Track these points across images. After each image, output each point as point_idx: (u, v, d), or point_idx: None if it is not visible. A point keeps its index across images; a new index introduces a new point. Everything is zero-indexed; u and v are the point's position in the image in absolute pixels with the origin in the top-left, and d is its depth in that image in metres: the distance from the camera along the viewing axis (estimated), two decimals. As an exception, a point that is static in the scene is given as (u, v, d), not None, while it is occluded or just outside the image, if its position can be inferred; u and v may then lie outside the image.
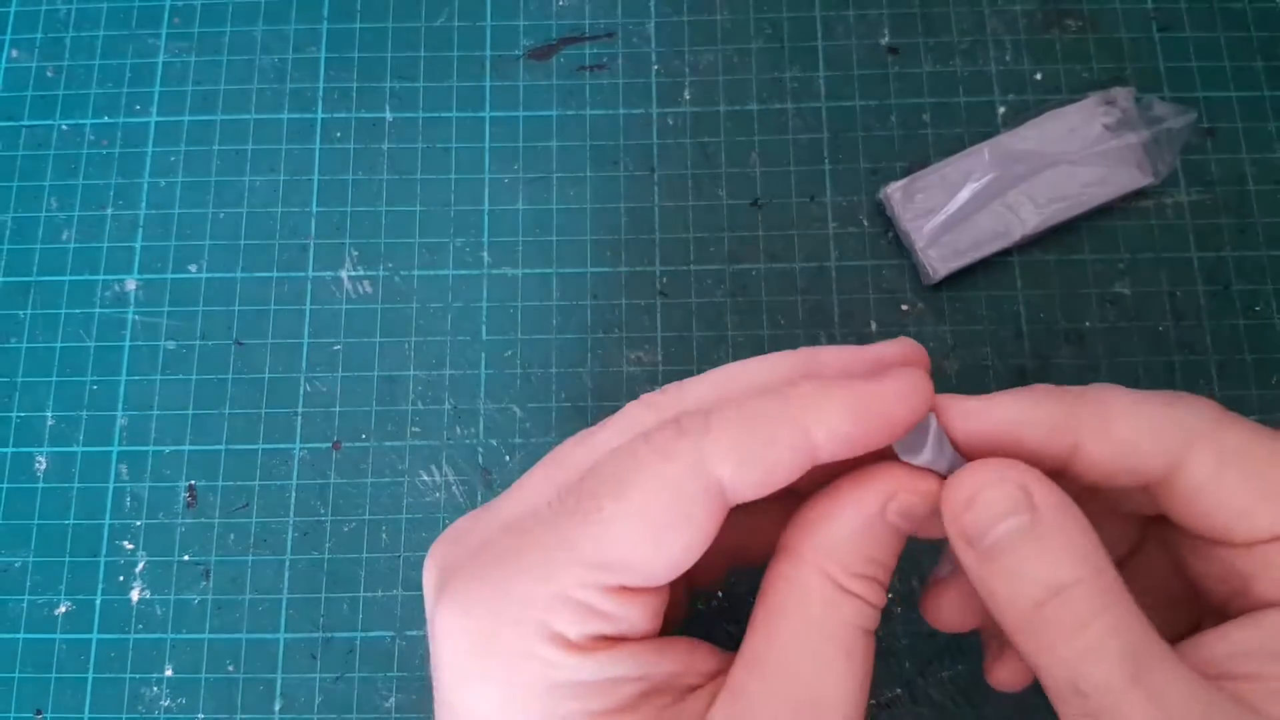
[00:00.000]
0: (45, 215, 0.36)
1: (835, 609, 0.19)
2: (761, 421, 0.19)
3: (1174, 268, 0.34)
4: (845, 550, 0.19)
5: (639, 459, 0.19)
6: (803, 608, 0.19)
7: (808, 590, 0.19)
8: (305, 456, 0.34)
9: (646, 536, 0.18)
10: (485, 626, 0.19)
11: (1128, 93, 0.34)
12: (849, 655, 0.19)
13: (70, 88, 0.37)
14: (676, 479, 0.18)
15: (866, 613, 0.19)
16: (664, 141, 0.36)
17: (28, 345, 0.35)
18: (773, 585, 0.20)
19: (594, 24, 0.37)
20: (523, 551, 0.19)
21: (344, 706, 0.31)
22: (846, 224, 0.35)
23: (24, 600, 0.33)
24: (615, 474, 0.19)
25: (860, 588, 0.19)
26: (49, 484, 0.34)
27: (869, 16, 0.37)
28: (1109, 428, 0.19)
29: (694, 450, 0.18)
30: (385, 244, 0.35)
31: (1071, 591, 0.17)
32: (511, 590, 0.18)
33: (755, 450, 0.18)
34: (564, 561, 0.18)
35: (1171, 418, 0.19)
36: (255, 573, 0.33)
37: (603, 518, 0.18)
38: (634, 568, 0.18)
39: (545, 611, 0.18)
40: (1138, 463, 0.19)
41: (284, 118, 0.37)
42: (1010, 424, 0.19)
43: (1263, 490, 0.19)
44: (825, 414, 0.19)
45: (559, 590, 0.18)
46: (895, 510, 0.19)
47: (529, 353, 0.34)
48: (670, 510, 0.18)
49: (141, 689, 0.32)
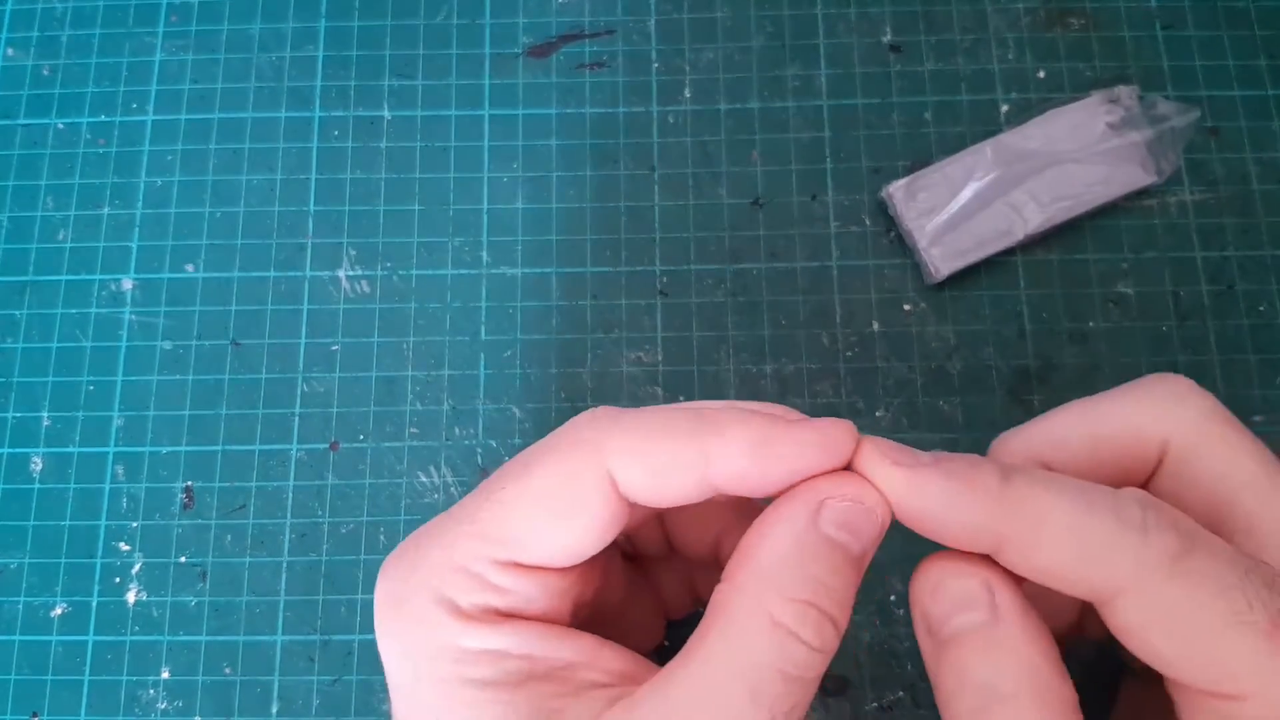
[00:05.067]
0: (41, 214, 0.36)
1: (754, 645, 0.17)
2: (664, 429, 0.19)
3: (1177, 267, 0.34)
4: (781, 571, 0.18)
5: (548, 446, 0.20)
6: (722, 638, 0.18)
7: (731, 619, 0.18)
8: (303, 457, 0.33)
9: (539, 517, 0.19)
10: (396, 590, 0.20)
11: (1131, 91, 0.34)
12: (754, 699, 0.17)
13: (66, 86, 0.37)
14: (574, 467, 0.19)
15: (794, 653, 0.17)
16: (664, 140, 0.36)
17: (23, 345, 0.35)
18: (709, 610, 0.19)
19: (594, 21, 0.37)
20: (437, 528, 0.20)
21: (342, 709, 0.31)
22: (848, 223, 0.35)
23: (20, 602, 0.32)
24: (527, 457, 0.20)
25: (794, 616, 0.17)
26: (45, 485, 0.33)
27: (871, 14, 0.37)
28: (1034, 552, 0.18)
29: (595, 440, 0.19)
30: (383, 243, 0.35)
31: (1012, 704, 0.17)
32: (420, 560, 0.20)
33: (650, 458, 0.19)
34: (464, 534, 0.19)
35: (1105, 556, 0.17)
36: (252, 574, 0.32)
37: (503, 497, 0.19)
38: (527, 546, 0.19)
39: (442, 579, 0.19)
40: (1061, 586, 0.18)
41: (281, 116, 0.37)
42: (930, 517, 0.18)
43: (1191, 653, 0.17)
44: (725, 441, 0.19)
45: (457, 560, 0.19)
46: (830, 521, 0.18)
47: (528, 353, 0.34)
48: (564, 495, 0.19)
49: (138, 691, 0.32)
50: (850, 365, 0.33)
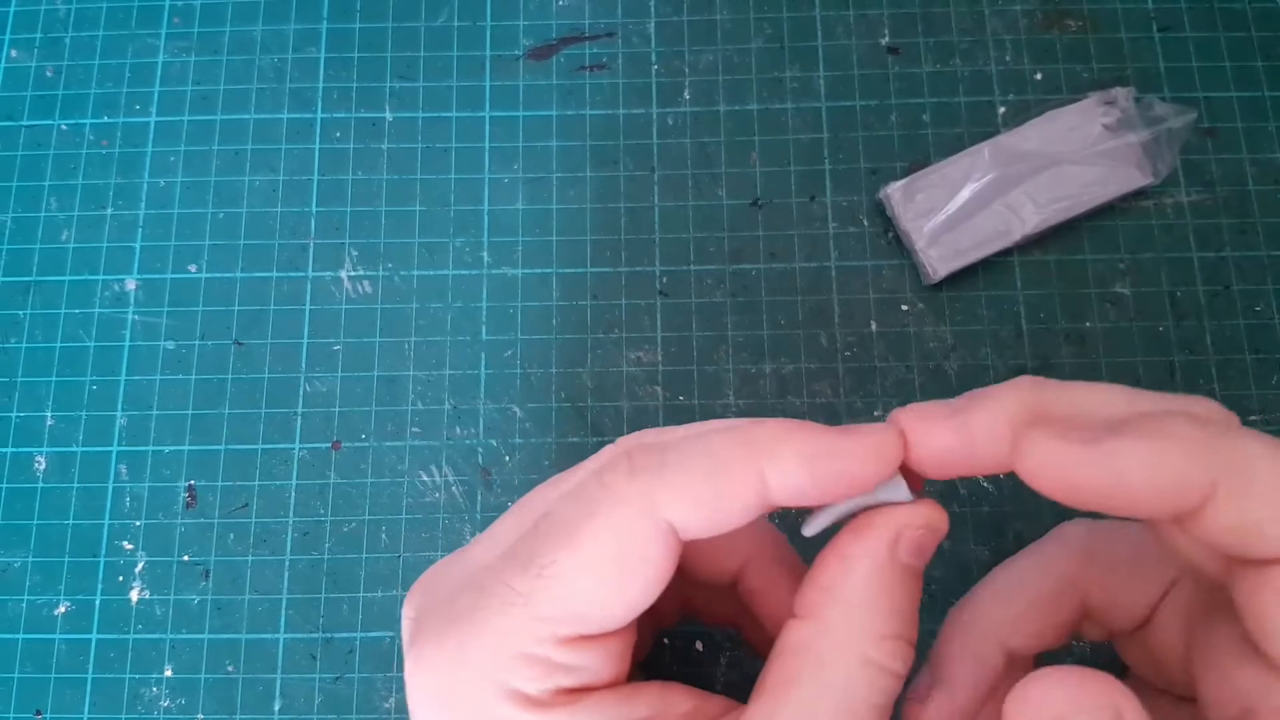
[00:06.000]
0: (45, 215, 0.36)
1: (851, 688, 0.18)
2: (715, 462, 0.18)
3: (1174, 268, 0.34)
4: (870, 609, 0.18)
5: (591, 503, 0.18)
6: (817, 684, 0.18)
7: (824, 664, 0.18)
8: (305, 457, 0.34)
9: (600, 585, 0.18)
10: (447, 687, 0.18)
11: (1128, 93, 0.34)
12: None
13: (70, 87, 0.37)
14: (627, 524, 0.18)
15: (886, 686, 0.18)
16: (664, 141, 0.36)
17: (27, 345, 0.35)
18: (788, 651, 0.18)
19: (594, 24, 0.37)
20: (480, 608, 0.19)
21: (344, 707, 0.31)
22: (846, 224, 0.35)
23: (23, 600, 0.33)
24: (567, 520, 0.18)
25: (887, 653, 0.18)
26: (48, 484, 0.34)
27: (869, 16, 0.37)
28: (1246, 499, 0.16)
29: (645, 493, 0.18)
30: (385, 244, 0.35)
31: None
32: (471, 649, 0.18)
33: (707, 493, 0.18)
34: (520, 618, 0.18)
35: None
36: (255, 573, 0.33)
37: (557, 571, 0.18)
38: (590, 617, 0.18)
39: (504, 671, 0.18)
40: (1264, 536, 0.16)
41: (283, 117, 0.37)
42: (1124, 483, 0.16)
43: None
44: (781, 460, 0.18)
45: (516, 648, 0.18)
46: (905, 550, 0.18)
47: (529, 353, 0.34)
48: (623, 557, 0.18)
49: (141, 689, 0.32)
50: (848, 365, 0.34)
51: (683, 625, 0.32)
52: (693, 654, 0.31)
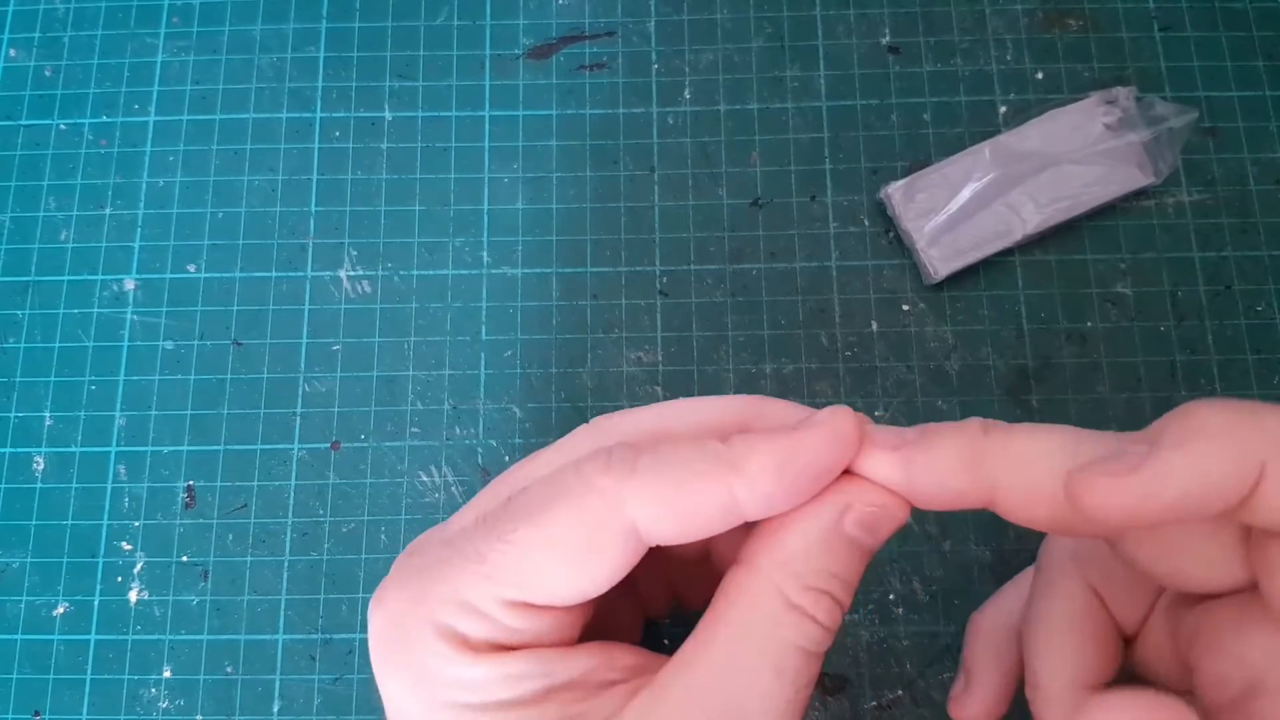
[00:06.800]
0: (43, 215, 0.36)
1: (776, 624, 0.18)
2: (686, 474, 0.18)
3: (1175, 267, 0.34)
4: (800, 562, 0.19)
5: (563, 487, 0.19)
6: (744, 618, 0.19)
7: (753, 601, 0.19)
8: (304, 457, 0.34)
9: (554, 564, 0.19)
10: (394, 622, 0.19)
11: (1129, 92, 0.34)
12: (779, 673, 0.18)
13: (68, 87, 0.37)
14: (593, 514, 0.18)
15: (811, 632, 0.19)
16: (664, 141, 0.36)
17: (26, 345, 0.35)
18: (723, 592, 0.19)
19: (594, 23, 0.37)
20: (442, 561, 0.20)
21: (343, 708, 0.31)
22: (847, 224, 0.35)
23: (22, 601, 0.33)
24: (538, 499, 0.19)
25: (810, 602, 0.19)
26: (47, 484, 0.34)
27: (870, 15, 0.37)
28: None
29: (615, 489, 0.18)
30: (384, 244, 0.35)
31: None
32: (423, 593, 0.19)
33: (675, 502, 0.18)
34: (472, 573, 0.19)
35: None
36: (254, 573, 0.33)
37: (515, 539, 0.19)
38: (536, 588, 0.19)
39: (448, 613, 0.19)
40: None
41: (283, 117, 0.37)
42: (1186, 493, 0.16)
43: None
44: (749, 474, 0.18)
45: (464, 597, 0.19)
46: (853, 522, 0.19)
47: (529, 353, 0.34)
48: (580, 542, 0.19)
49: (140, 690, 0.32)
50: (849, 365, 0.34)
51: (683, 625, 0.31)
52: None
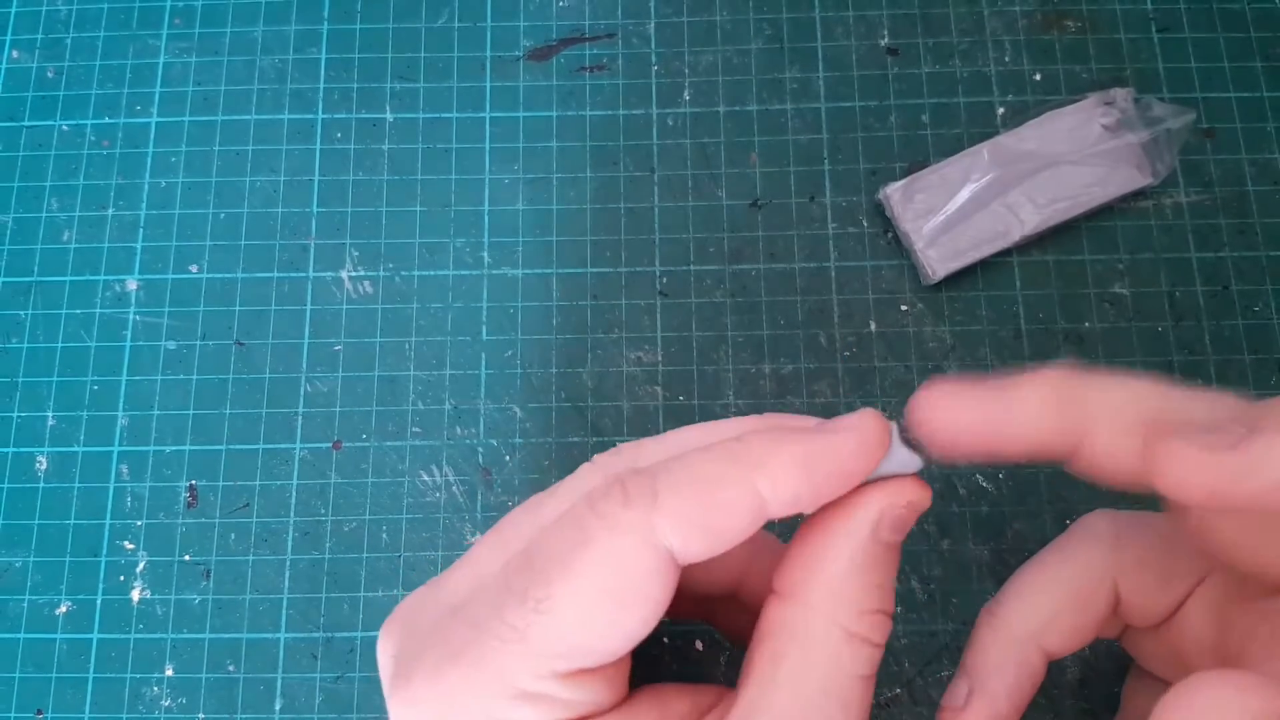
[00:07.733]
0: (46, 216, 0.36)
1: (837, 661, 0.18)
2: (709, 484, 0.18)
3: (1173, 268, 0.34)
4: (851, 586, 0.18)
5: (585, 532, 0.18)
6: (804, 660, 0.18)
7: (809, 640, 0.18)
8: (306, 456, 0.34)
9: (599, 619, 0.18)
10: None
11: (1127, 93, 0.34)
12: (845, 707, 0.18)
13: (71, 88, 0.37)
14: (626, 555, 0.17)
15: (870, 656, 0.18)
16: (664, 142, 0.36)
17: (29, 345, 0.35)
18: (772, 631, 0.19)
19: (594, 25, 0.38)
20: (472, 645, 0.18)
21: (345, 706, 0.31)
22: (846, 224, 0.35)
23: (24, 600, 0.33)
24: (562, 550, 0.18)
25: (868, 626, 0.18)
26: (50, 484, 0.34)
27: (868, 17, 0.37)
28: None
29: (642, 522, 0.17)
30: (386, 244, 0.36)
31: None
32: (468, 688, 0.18)
33: (704, 517, 0.18)
34: (518, 655, 0.17)
35: None
36: (256, 572, 0.33)
37: (553, 605, 0.17)
38: (589, 650, 0.18)
39: (504, 708, 0.18)
40: None
41: (284, 118, 0.37)
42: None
43: None
44: (773, 472, 0.18)
45: (516, 685, 0.18)
46: (886, 529, 0.19)
47: (529, 353, 0.34)
48: (620, 588, 0.17)
49: (142, 688, 0.32)
50: (848, 365, 0.34)
51: (682, 625, 0.32)
52: (693, 654, 0.32)
